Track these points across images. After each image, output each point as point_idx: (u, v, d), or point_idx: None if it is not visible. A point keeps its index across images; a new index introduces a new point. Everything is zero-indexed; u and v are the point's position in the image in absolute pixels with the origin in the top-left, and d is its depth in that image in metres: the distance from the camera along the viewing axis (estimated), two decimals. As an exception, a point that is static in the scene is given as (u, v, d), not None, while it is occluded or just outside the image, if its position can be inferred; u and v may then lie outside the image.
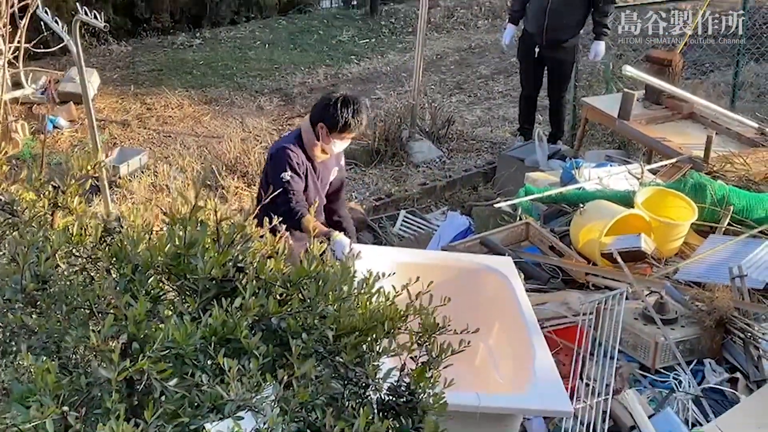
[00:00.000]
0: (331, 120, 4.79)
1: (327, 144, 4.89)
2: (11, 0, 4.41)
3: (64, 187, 2.22)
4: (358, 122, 4.83)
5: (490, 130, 9.32)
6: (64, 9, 10.17)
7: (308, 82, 10.84)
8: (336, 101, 4.79)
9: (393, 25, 13.01)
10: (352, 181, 7.91)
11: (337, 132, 4.83)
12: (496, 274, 4.37)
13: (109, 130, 9.18)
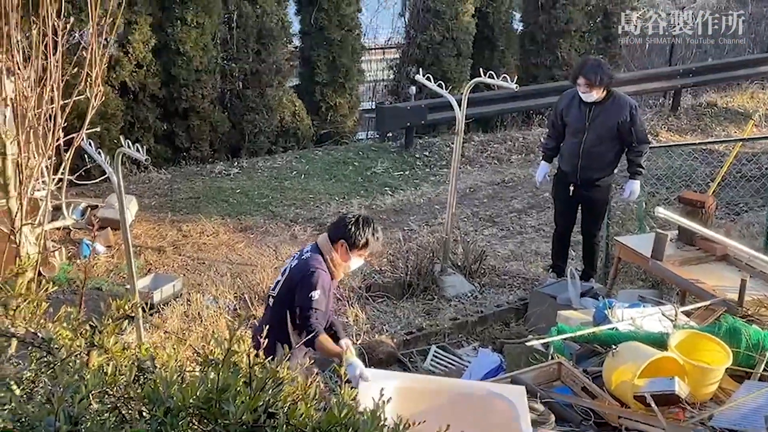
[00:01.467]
0: (352, 238, 5.08)
1: (345, 261, 5.17)
2: (57, 134, 4.54)
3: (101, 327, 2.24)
4: (376, 240, 5.18)
5: (522, 264, 9.32)
6: (107, 138, 10.47)
7: (342, 212, 10.92)
8: (355, 221, 5.12)
9: (427, 157, 13.21)
10: (383, 314, 7.90)
11: (357, 249, 5.13)
12: (504, 401, 4.35)
13: (144, 256, 9.30)
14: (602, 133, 7.73)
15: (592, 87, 7.57)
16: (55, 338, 2.23)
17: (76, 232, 9.56)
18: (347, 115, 14.18)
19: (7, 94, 4.62)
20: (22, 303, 2.35)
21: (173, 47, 11.95)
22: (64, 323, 2.27)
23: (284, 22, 13.11)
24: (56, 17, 4.68)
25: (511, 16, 15.52)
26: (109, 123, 11.04)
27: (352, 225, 5.11)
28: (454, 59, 14.49)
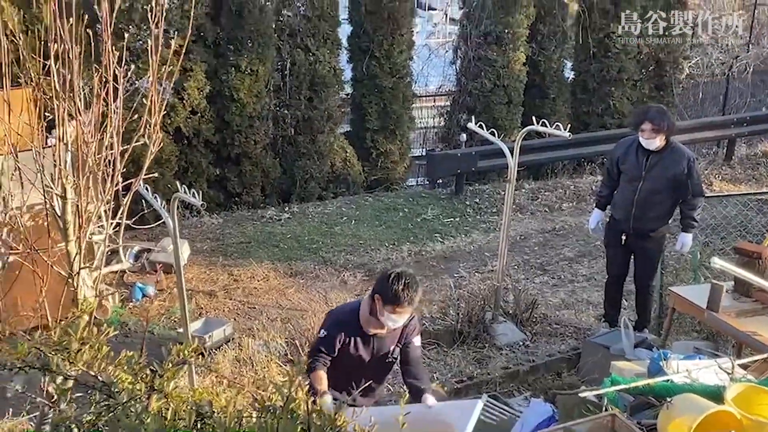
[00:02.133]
0: (385, 293, 5.04)
1: (381, 316, 5.11)
2: (116, 179, 4.62)
3: (162, 372, 2.26)
4: (408, 297, 5.04)
5: (574, 313, 9.22)
6: (161, 182, 10.62)
7: (392, 258, 10.96)
8: (391, 275, 5.06)
9: (477, 204, 13.19)
10: (434, 361, 7.85)
11: (390, 305, 5.05)
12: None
13: (196, 300, 9.36)
14: (658, 183, 7.66)
15: (657, 132, 7.52)
16: (115, 382, 2.25)
17: (129, 275, 9.67)
18: (398, 161, 14.24)
19: (68, 139, 4.71)
20: (84, 347, 2.37)
21: (227, 94, 12.13)
22: (125, 367, 2.29)
23: (336, 69, 13.24)
24: (117, 65, 4.77)
25: (562, 64, 15.53)
26: (164, 168, 11.21)
27: (387, 280, 5.08)
28: (504, 107, 14.52)
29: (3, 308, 7.09)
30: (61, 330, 2.40)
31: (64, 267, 4.66)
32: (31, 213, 5.29)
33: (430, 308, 9.16)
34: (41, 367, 2.27)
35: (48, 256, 4.69)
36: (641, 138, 7.63)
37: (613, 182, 8.09)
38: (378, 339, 5.34)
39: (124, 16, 10.44)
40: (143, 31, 10.72)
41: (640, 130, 7.63)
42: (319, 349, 5.20)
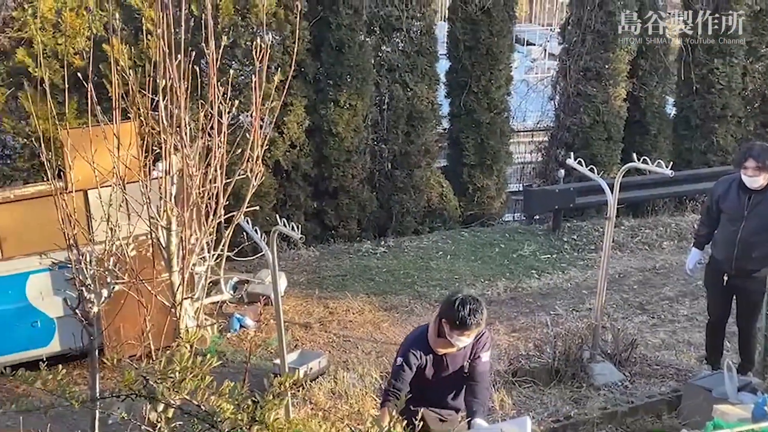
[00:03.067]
0: (452, 319, 5.31)
1: (451, 338, 5.38)
2: (219, 211, 4.72)
3: (263, 403, 2.28)
4: (474, 322, 5.31)
5: (674, 354, 9.01)
6: (259, 215, 10.78)
7: (487, 294, 10.89)
8: (456, 301, 5.31)
9: (575, 241, 13.02)
10: (529, 399, 7.76)
11: (457, 329, 5.32)
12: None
13: (292, 332, 9.46)
14: (761, 223, 7.46)
15: (761, 171, 7.33)
16: (218, 412, 2.28)
17: (227, 305, 9.84)
18: (494, 196, 14.17)
19: (173, 171, 4.84)
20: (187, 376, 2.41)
21: (326, 128, 12.28)
22: (227, 397, 2.32)
23: (434, 104, 13.30)
24: (222, 100, 4.88)
25: (664, 100, 15.27)
26: (263, 201, 11.38)
27: (452, 305, 5.33)
28: (604, 143, 14.33)
29: (107, 336, 7.29)
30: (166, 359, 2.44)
31: (167, 297, 4.76)
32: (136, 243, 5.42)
33: (526, 345, 9.07)
34: (147, 395, 2.32)
35: (152, 286, 4.81)
36: (744, 176, 7.45)
37: (713, 221, 7.91)
38: (450, 357, 5.58)
39: (228, 52, 10.69)
40: (246, 67, 10.97)
41: (742, 168, 7.45)
42: (396, 377, 5.51)
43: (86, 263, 4.71)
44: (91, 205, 6.58)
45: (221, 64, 5.18)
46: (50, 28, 10.07)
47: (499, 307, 10.48)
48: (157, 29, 4.67)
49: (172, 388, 2.32)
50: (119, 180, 4.92)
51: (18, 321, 8.18)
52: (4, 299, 8.11)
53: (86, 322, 4.64)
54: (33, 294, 8.17)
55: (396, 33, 12.78)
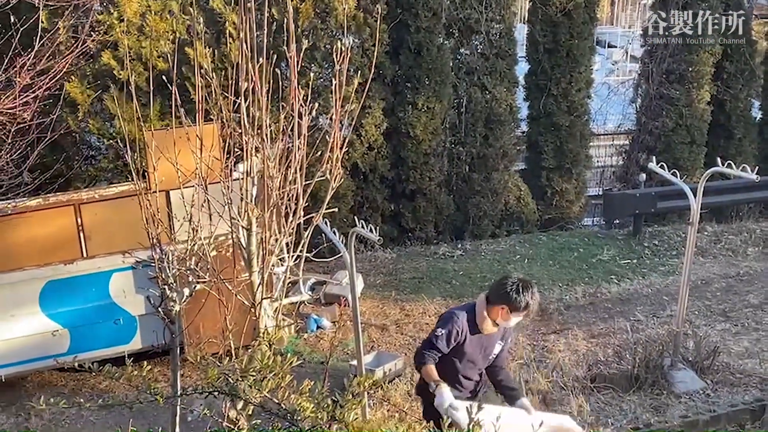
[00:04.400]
0: (513, 302, 5.51)
1: (506, 320, 5.63)
2: (299, 213, 4.76)
3: (343, 402, 2.29)
4: (535, 303, 5.62)
5: (758, 363, 8.78)
6: (337, 217, 10.84)
7: (565, 298, 10.79)
8: (517, 285, 5.53)
9: (656, 246, 12.81)
10: (608, 406, 7.66)
11: (519, 312, 5.56)
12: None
13: (368, 333, 9.49)
14: None
15: None
16: (298, 410, 2.30)
17: (304, 306, 9.91)
18: (573, 200, 14.03)
19: (254, 172, 4.89)
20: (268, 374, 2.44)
21: (404, 131, 12.31)
22: (307, 396, 2.34)
23: (512, 107, 13.22)
24: (303, 102, 4.92)
25: (749, 103, 14.94)
26: (340, 203, 11.44)
27: (512, 290, 5.51)
28: (686, 147, 14.08)
29: (187, 334, 7.41)
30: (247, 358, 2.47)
31: (247, 297, 4.81)
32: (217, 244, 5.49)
33: (604, 351, 8.95)
34: (228, 392, 2.35)
35: (233, 285, 4.87)
36: None
37: None
38: (487, 338, 5.80)
39: (308, 55, 10.78)
40: (325, 70, 11.05)
41: None
42: (433, 345, 5.65)
43: (168, 262, 4.78)
44: (174, 205, 6.69)
45: (301, 67, 5.22)
46: (135, 31, 10.29)
47: (577, 312, 10.37)
48: (239, 33, 4.73)
49: (253, 386, 2.35)
50: (201, 180, 4.99)
51: (101, 318, 8.36)
52: (87, 297, 8.30)
53: (168, 320, 4.71)
54: (116, 292, 8.34)
55: (475, 35, 12.75)
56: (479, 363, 5.90)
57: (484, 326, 5.70)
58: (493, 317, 5.65)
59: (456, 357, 5.78)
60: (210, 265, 5.01)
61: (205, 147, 5.02)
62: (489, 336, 5.79)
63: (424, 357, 5.66)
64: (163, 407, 4.33)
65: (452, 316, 5.73)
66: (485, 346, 5.83)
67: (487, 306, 5.66)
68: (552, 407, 7.50)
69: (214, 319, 5.16)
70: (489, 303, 5.66)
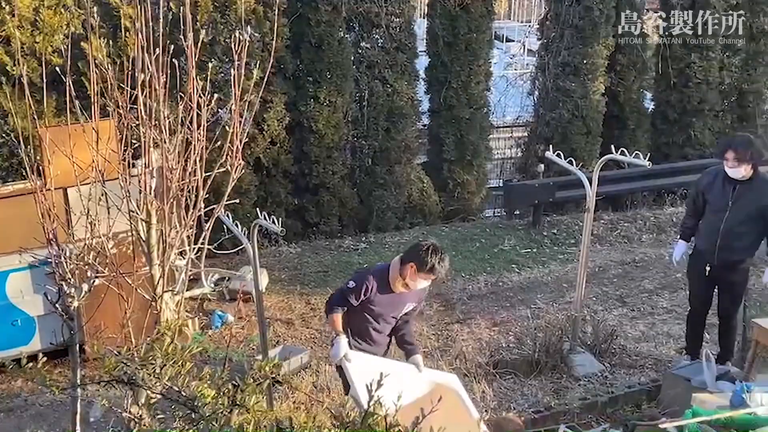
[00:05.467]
0: (422, 264, 5.95)
1: (413, 280, 6.04)
2: (199, 205, 4.74)
3: (244, 386, 2.31)
4: (442, 268, 6.03)
5: (654, 346, 9.08)
6: (240, 211, 10.79)
7: (468, 288, 10.94)
8: (428, 248, 5.98)
9: (555, 235, 13.09)
10: (510, 391, 7.81)
11: (424, 272, 5.99)
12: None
13: (274, 328, 9.47)
14: (744, 214, 7.52)
15: (740, 162, 7.40)
16: (199, 397, 2.30)
17: (209, 302, 9.83)
18: (474, 192, 14.21)
19: (153, 165, 4.85)
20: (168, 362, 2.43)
21: (306, 125, 12.30)
22: (208, 382, 2.35)
23: (414, 100, 13.32)
24: (200, 93, 4.90)
25: (642, 95, 15.36)
26: (243, 197, 11.36)
27: (423, 251, 5.96)
28: (583, 137, 14.39)
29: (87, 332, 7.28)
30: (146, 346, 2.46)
31: (148, 291, 4.78)
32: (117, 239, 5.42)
33: (506, 338, 9.13)
34: (127, 381, 2.34)
35: (133, 279, 4.82)
36: (726, 167, 7.52)
37: (698, 212, 7.96)
38: (398, 296, 6.22)
39: (207, 49, 10.67)
40: (225, 64, 10.96)
41: (724, 159, 7.53)
42: (343, 297, 6.16)
43: (66, 258, 4.70)
44: (71, 201, 6.56)
45: (200, 61, 5.20)
46: (28, 26, 10.03)
47: (480, 301, 10.53)
48: (135, 24, 4.69)
49: (152, 374, 2.34)
50: (99, 175, 4.92)
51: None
52: (-17, 298, 8.09)
53: (66, 317, 4.64)
54: (13, 292, 8.15)
55: (375, 29, 12.79)
56: (389, 320, 6.35)
57: (395, 285, 6.12)
58: (403, 276, 6.05)
59: (366, 312, 6.22)
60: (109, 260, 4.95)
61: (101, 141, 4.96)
62: (400, 295, 6.21)
63: (333, 307, 6.19)
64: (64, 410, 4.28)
65: (365, 273, 6.24)
66: (396, 305, 6.28)
67: (400, 266, 6.08)
68: (456, 394, 7.61)
69: (115, 315, 5.10)
70: (402, 263, 6.08)
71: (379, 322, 6.32)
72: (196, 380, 2.42)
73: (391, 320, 6.39)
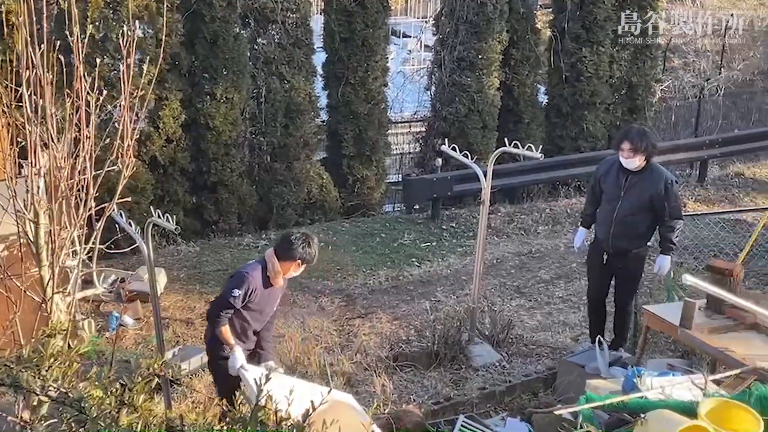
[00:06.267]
0: (305, 257, 6.18)
1: (286, 273, 6.23)
2: (89, 203, 4.64)
3: (131, 385, 2.28)
4: (314, 257, 6.27)
5: (550, 335, 9.26)
6: (136, 211, 10.60)
7: (369, 283, 10.98)
8: (299, 239, 6.18)
9: (454, 229, 13.23)
10: (410, 383, 7.87)
11: (301, 264, 6.21)
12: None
13: (173, 328, 9.33)
14: (636, 203, 7.72)
15: (635, 153, 7.59)
16: (85, 397, 2.26)
17: (105, 304, 9.63)
18: (374, 187, 14.30)
19: (41, 165, 4.73)
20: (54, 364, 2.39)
21: (203, 122, 12.17)
22: (95, 382, 2.31)
23: (312, 96, 13.32)
24: (89, 91, 4.80)
25: (536, 89, 15.67)
26: (139, 196, 11.19)
27: (295, 243, 6.14)
28: (479, 131, 14.60)
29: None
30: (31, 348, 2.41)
31: (38, 293, 4.66)
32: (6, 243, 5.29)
33: (407, 332, 9.19)
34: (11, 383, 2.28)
35: (22, 282, 4.70)
36: (621, 157, 7.71)
37: (596, 201, 8.14)
38: (273, 290, 6.36)
39: (99, 46, 10.47)
40: (117, 61, 10.76)
41: (619, 150, 7.72)
42: (230, 305, 6.10)
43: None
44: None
45: (90, 58, 5.10)
46: None
47: (381, 295, 10.57)
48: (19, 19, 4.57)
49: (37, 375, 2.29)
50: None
51: None
52: None
53: (-48, 322, 4.50)
54: None
55: (271, 25, 12.74)
56: (266, 315, 6.47)
57: (276, 280, 6.24)
58: (285, 271, 6.23)
59: (247, 311, 6.26)
60: (-4, 263, 4.82)
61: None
62: (276, 289, 6.36)
63: (222, 318, 6.12)
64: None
65: (244, 276, 6.15)
66: (273, 298, 6.42)
67: (277, 261, 6.20)
68: (356, 388, 7.64)
69: (3, 320, 4.97)
70: (279, 259, 6.20)
71: (256, 319, 6.38)
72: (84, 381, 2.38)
73: (267, 315, 6.49)
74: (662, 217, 7.74)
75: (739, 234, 11.50)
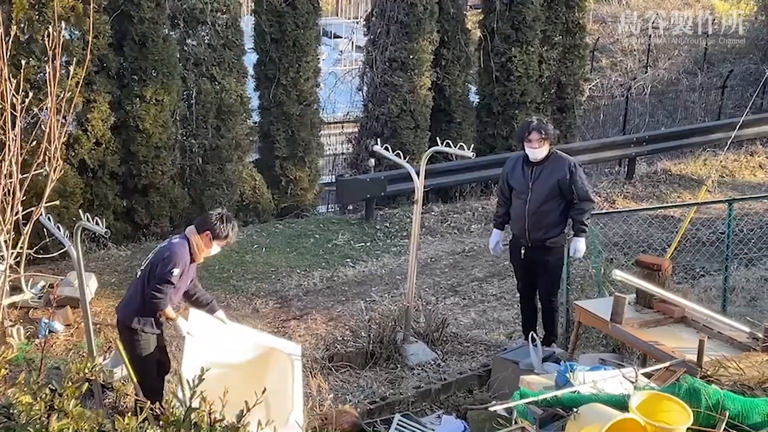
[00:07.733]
0: (215, 231, 6.45)
1: (208, 248, 6.54)
2: (16, 207, 4.55)
3: (61, 390, 2.24)
4: (235, 234, 6.61)
5: (484, 332, 9.35)
6: (65, 215, 10.44)
7: (304, 284, 10.96)
8: (220, 216, 6.47)
9: (388, 229, 13.28)
10: (346, 383, 7.87)
11: (220, 240, 6.52)
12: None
13: (104, 334, 9.19)
14: (544, 192, 7.83)
15: (543, 141, 7.71)
16: (14, 404, 2.23)
17: (35, 311, 9.44)
18: (307, 188, 14.28)
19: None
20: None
21: (132, 124, 12.01)
22: (24, 388, 2.27)
23: (243, 98, 13.23)
24: (15, 93, 4.72)
25: (467, 88, 15.78)
26: (68, 201, 11.00)
27: (216, 220, 6.43)
28: (412, 131, 14.67)
29: None
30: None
31: (-36, 300, 4.56)
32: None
33: (342, 332, 9.19)
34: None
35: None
36: (529, 149, 7.80)
37: (507, 200, 8.23)
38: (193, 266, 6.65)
39: (24, 48, 10.26)
40: (44, 63, 10.54)
41: (527, 141, 7.80)
42: (171, 284, 6.37)
43: None
44: None
45: (16, 60, 5.01)
46: None
47: (316, 296, 10.56)
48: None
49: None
50: None
51: None
52: None
53: None
54: None
55: (201, 26, 12.63)
56: (185, 288, 6.72)
57: (200, 255, 6.55)
58: (206, 246, 6.52)
59: (181, 285, 6.58)
60: None
61: None
62: (195, 264, 6.67)
63: (165, 298, 6.39)
64: None
65: (176, 252, 6.43)
66: (193, 272, 6.74)
67: (200, 237, 6.50)
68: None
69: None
70: (200, 234, 6.50)
71: (179, 292, 6.67)
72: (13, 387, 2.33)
73: (185, 288, 6.73)
74: (571, 201, 7.86)
75: (667, 230, 11.73)
